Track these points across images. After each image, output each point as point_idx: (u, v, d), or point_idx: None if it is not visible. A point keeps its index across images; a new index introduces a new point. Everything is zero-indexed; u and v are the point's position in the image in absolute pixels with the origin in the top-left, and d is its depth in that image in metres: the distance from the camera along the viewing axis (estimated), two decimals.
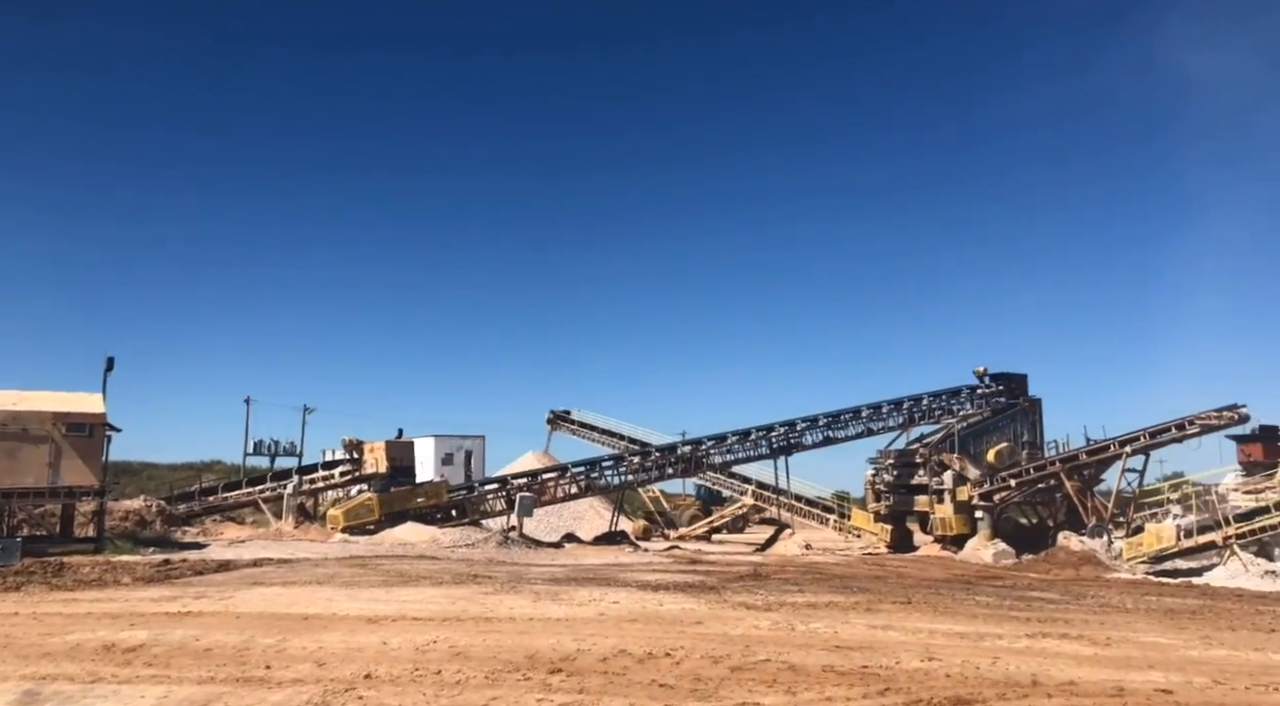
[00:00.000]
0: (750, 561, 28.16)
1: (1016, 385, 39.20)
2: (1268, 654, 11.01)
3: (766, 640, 11.03)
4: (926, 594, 18.13)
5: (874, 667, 9.26)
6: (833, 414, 38.53)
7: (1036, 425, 38.73)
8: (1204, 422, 29.85)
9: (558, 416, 50.49)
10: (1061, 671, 9.28)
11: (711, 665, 9.21)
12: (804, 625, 12.48)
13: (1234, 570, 23.87)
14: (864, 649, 10.50)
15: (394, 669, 8.68)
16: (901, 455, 36.90)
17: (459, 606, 13.60)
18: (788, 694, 7.93)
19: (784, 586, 18.88)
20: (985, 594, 18.62)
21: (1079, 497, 31.78)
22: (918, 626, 12.77)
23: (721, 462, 38.89)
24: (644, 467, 37.26)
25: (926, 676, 8.87)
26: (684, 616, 13.19)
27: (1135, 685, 8.62)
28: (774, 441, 37.73)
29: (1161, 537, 26.49)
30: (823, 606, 15.13)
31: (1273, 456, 27.85)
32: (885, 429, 38.92)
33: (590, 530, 39.93)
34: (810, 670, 9.04)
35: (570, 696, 7.70)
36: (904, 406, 38.97)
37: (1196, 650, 11.20)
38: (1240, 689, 8.60)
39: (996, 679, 8.80)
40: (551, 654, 9.63)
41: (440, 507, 33.41)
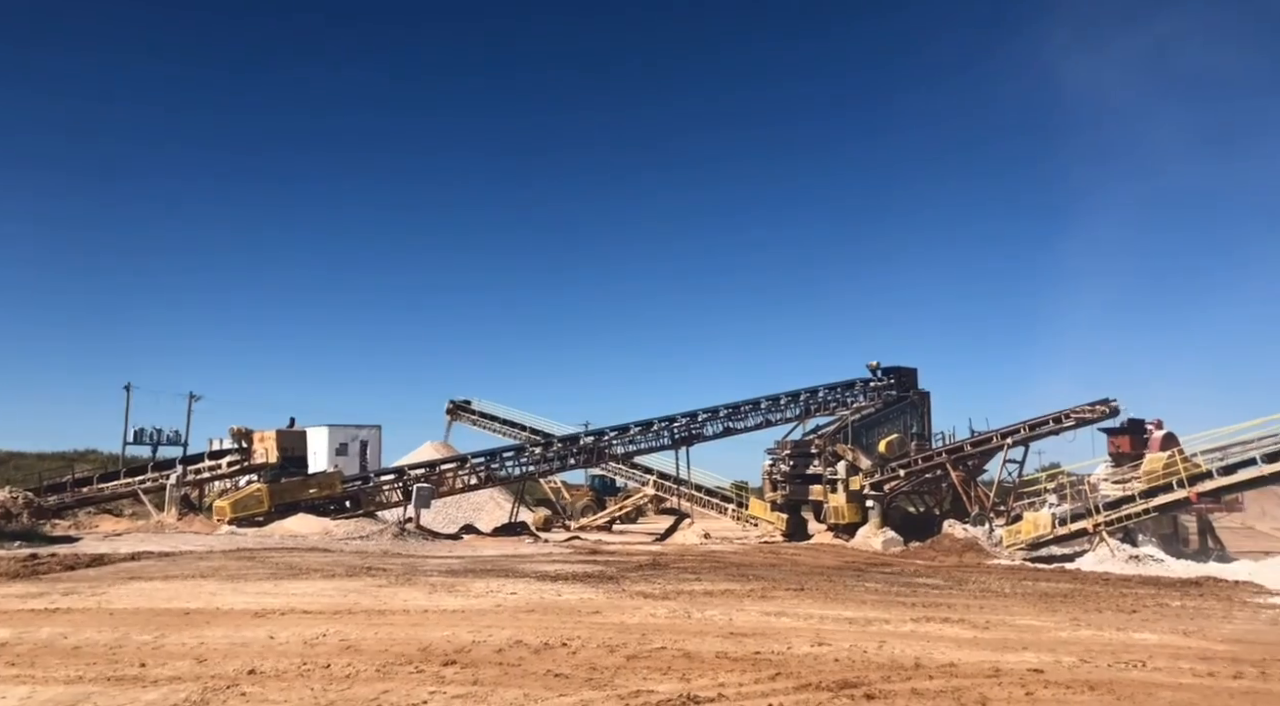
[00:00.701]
0: (650, 551, 28.38)
1: (907, 379, 40.60)
2: (1129, 633, 11.73)
3: (663, 628, 11.14)
4: (819, 581, 18.63)
5: (766, 653, 9.46)
6: (733, 405, 39.14)
7: (925, 417, 40.23)
8: (1078, 416, 31.51)
9: (457, 406, 49.74)
10: (943, 654, 9.67)
11: (608, 654, 9.24)
12: (700, 613, 12.65)
13: (1102, 555, 25.30)
14: (757, 635, 10.72)
15: (280, 663, 8.41)
16: (798, 446, 37.74)
17: (351, 599, 13.27)
18: (682, 680, 8.03)
19: (682, 575, 19.10)
20: (874, 580, 19.25)
21: (963, 487, 33.13)
22: (809, 612, 13.11)
23: (624, 453, 39.02)
24: (546, 458, 37.10)
25: (816, 661, 9.11)
26: (582, 606, 13.20)
27: (1010, 665, 9.05)
28: (676, 432, 38.08)
29: (1038, 525, 27.88)
30: (719, 594, 15.37)
31: (1139, 448, 29.59)
32: (783, 420, 39.78)
33: (490, 521, 39.53)
34: (705, 657, 9.18)
35: (464, 688, 7.61)
36: (801, 399, 39.88)
37: (1066, 631, 11.84)
38: (1103, 666, 9.14)
39: (882, 662, 9.11)
40: (446, 646, 9.50)
41: (334, 499, 32.50)
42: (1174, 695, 7.84)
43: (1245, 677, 8.72)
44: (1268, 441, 24.55)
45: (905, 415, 39.85)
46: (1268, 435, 24.59)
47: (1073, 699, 7.62)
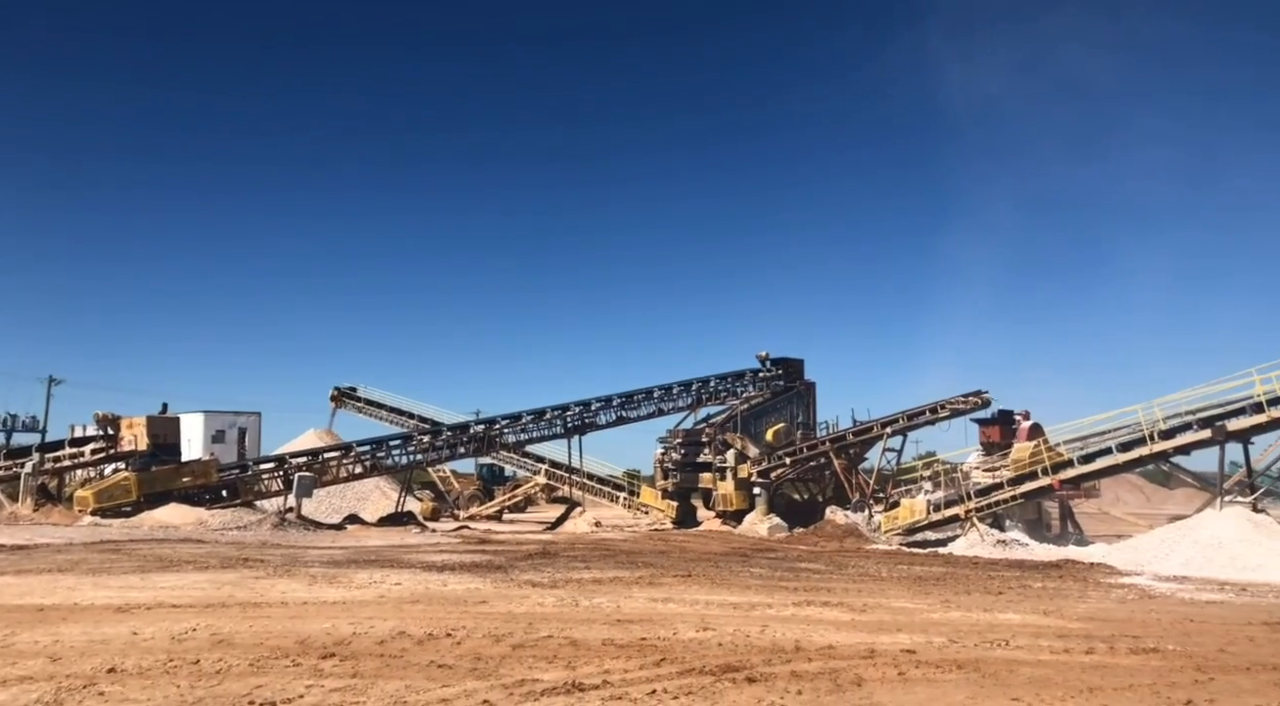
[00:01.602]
0: (540, 540, 28.27)
1: (794, 369, 41.61)
2: (994, 614, 12.36)
3: (550, 617, 11.10)
4: (706, 567, 18.93)
5: (652, 639, 9.54)
6: (626, 394, 39.34)
7: (811, 407, 41.34)
8: (953, 407, 33.00)
9: (342, 393, 48.29)
10: (822, 636, 9.97)
11: (493, 643, 9.15)
12: (588, 601, 12.67)
13: (973, 540, 26.56)
14: (644, 621, 10.81)
15: (144, 660, 7.99)
16: (689, 434, 38.26)
17: (225, 592, 12.73)
18: (567, 668, 8.02)
19: (572, 563, 19.10)
20: (759, 566, 19.70)
21: (845, 475, 34.26)
22: (696, 598, 13.31)
23: (516, 442, 38.72)
24: (434, 447, 36.45)
25: (701, 646, 9.25)
26: (469, 596, 13.03)
27: (884, 646, 9.40)
28: (569, 421, 38.01)
29: (914, 511, 29.06)
30: (608, 582, 15.43)
31: (1008, 438, 31.15)
32: (675, 409, 40.23)
33: (375, 511, 38.62)
34: (591, 644, 9.19)
35: (343, 681, 7.40)
36: (693, 388, 40.42)
37: (938, 613, 12.38)
38: (971, 646, 9.59)
39: (764, 646, 9.32)
40: (325, 638, 9.22)
41: (209, 488, 31.12)
42: (1033, 671, 8.29)
43: (1096, 653, 9.30)
44: (1122, 432, 26.23)
45: (792, 405, 40.85)
46: (1122, 426, 26.27)
47: (942, 677, 7.96)
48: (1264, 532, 21.69)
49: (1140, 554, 22.51)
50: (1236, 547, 20.99)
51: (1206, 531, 22.20)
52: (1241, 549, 20.88)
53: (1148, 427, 24.98)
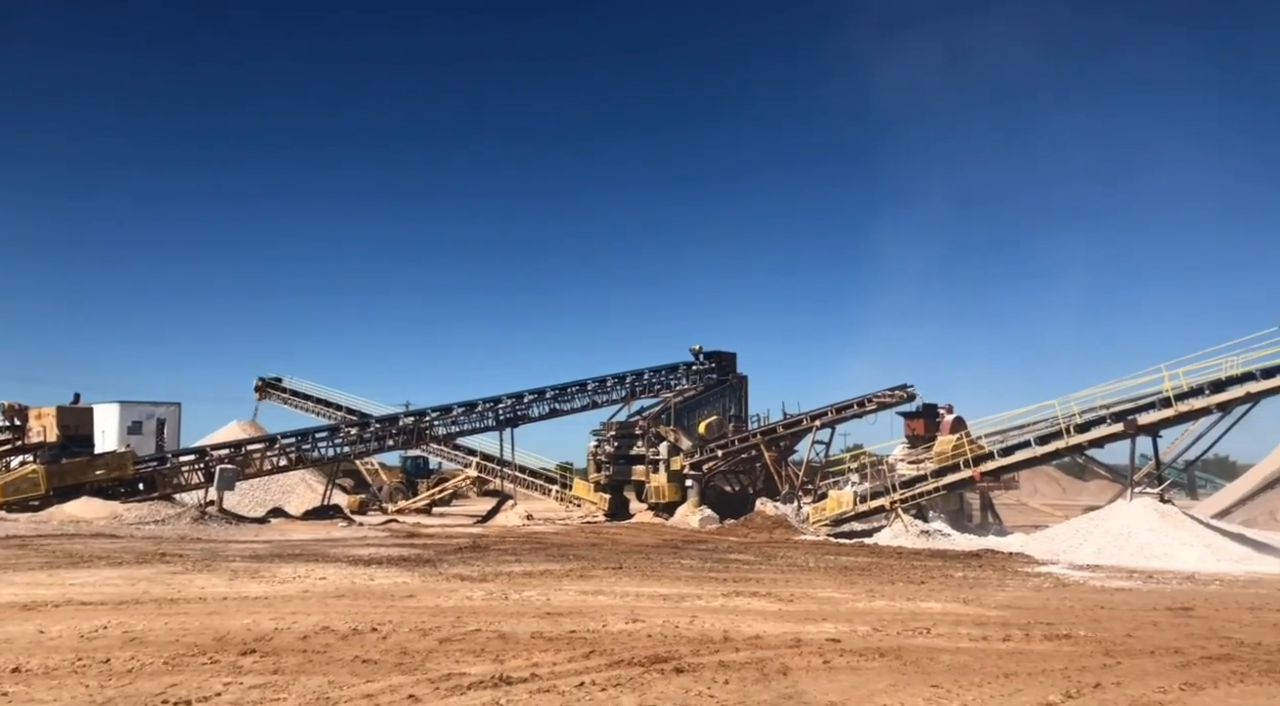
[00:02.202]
0: (471, 533, 27.99)
1: (727, 362, 41.96)
2: (917, 603, 12.67)
3: (479, 610, 11.01)
4: (637, 559, 19.00)
5: (581, 632, 9.53)
6: (560, 387, 39.15)
7: (743, 400, 41.77)
8: (879, 400, 33.66)
9: (267, 384, 47.06)
10: (750, 627, 10.08)
11: (420, 638, 9.03)
12: (518, 594, 12.60)
13: (897, 531, 27.19)
14: (574, 614, 10.79)
15: (51, 660, 7.66)
16: (622, 427, 38.30)
17: (140, 588, 12.30)
18: (495, 662, 7.95)
19: (502, 557, 18.97)
20: (690, 557, 19.84)
21: (775, 467, 34.71)
22: (626, 590, 13.34)
23: (446, 434, 38.20)
24: (362, 439, 35.76)
25: (630, 637, 9.27)
26: (396, 590, 12.84)
27: (810, 636, 9.56)
28: (501, 413, 37.66)
29: (841, 503, 29.60)
30: (538, 575, 15.37)
31: (932, 431, 31.91)
32: (609, 402, 40.19)
33: (301, 505, 37.72)
34: (520, 638, 9.14)
35: (263, 678, 7.21)
36: (627, 381, 40.43)
37: (863, 602, 12.64)
38: (893, 634, 9.81)
39: (693, 636, 9.39)
40: (245, 634, 8.98)
41: (125, 481, 29.98)
42: (952, 658, 8.52)
43: (1012, 640, 9.60)
44: (1040, 425, 27.11)
45: (724, 397, 41.21)
46: (1040, 420, 27.18)
47: (865, 666, 8.12)
48: (1170, 522, 22.68)
49: (1056, 543, 23.33)
50: (1145, 537, 21.91)
51: (1117, 522, 23.10)
52: (1149, 538, 21.80)
53: (1064, 421, 25.85)
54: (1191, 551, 21.00)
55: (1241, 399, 24.31)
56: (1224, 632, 10.29)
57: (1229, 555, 20.98)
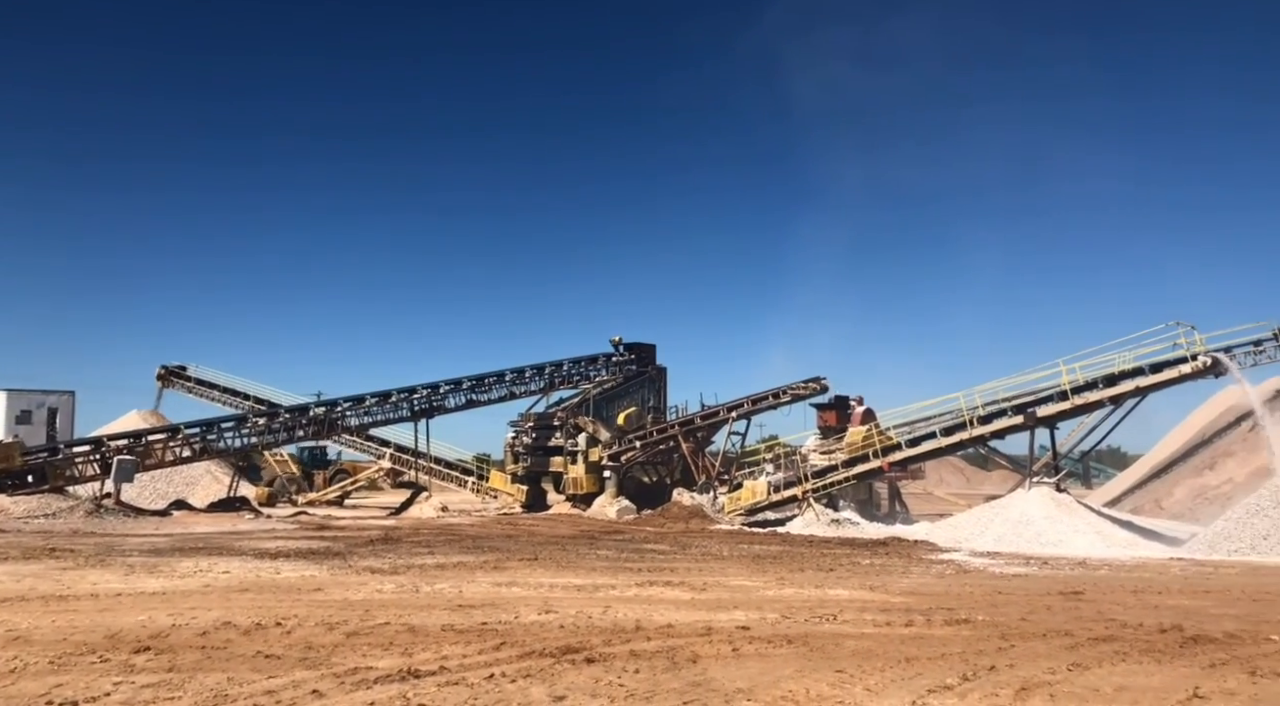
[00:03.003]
0: (383, 525, 27.52)
1: (646, 354, 42.16)
2: (825, 590, 12.96)
3: (389, 603, 10.83)
4: (553, 550, 18.96)
5: (493, 624, 9.46)
6: (477, 377, 38.75)
7: (662, 391, 42.04)
8: (794, 392, 34.31)
9: (170, 372, 45.30)
10: (662, 616, 10.17)
11: (326, 632, 8.83)
12: (429, 586, 12.44)
13: (809, 519, 27.79)
14: (486, 606, 10.71)
15: None
16: (541, 418, 38.15)
17: (25, 584, 11.72)
18: (404, 655, 7.83)
19: (415, 549, 18.70)
20: (606, 548, 19.90)
21: (693, 458, 35.06)
22: (540, 581, 13.30)
23: (359, 425, 37.43)
24: (271, 430, 34.73)
25: (542, 628, 9.24)
26: (303, 583, 12.53)
27: (721, 624, 9.69)
28: (416, 404, 37.08)
29: (755, 492, 30.12)
30: (451, 567, 15.20)
31: (843, 422, 32.76)
32: (527, 393, 39.96)
33: (206, 497, 36.51)
34: (430, 630, 9.02)
35: (157, 676, 6.95)
36: (546, 372, 40.26)
37: (773, 590, 12.87)
38: (801, 621, 10.02)
39: (605, 626, 9.42)
40: (140, 631, 8.64)
41: (13, 473, 28.47)
42: (857, 644, 8.74)
43: (915, 625, 9.91)
44: (946, 417, 28.03)
45: (644, 389, 41.40)
46: (946, 412, 28.08)
47: (773, 652, 8.27)
48: (1065, 510, 23.74)
49: (958, 531, 24.19)
50: (1042, 524, 22.89)
51: (1016, 510, 24.08)
52: (1046, 526, 22.78)
53: (968, 413, 26.78)
54: (1084, 538, 22.03)
55: (1131, 393, 25.60)
56: (1110, 615, 10.81)
57: (1118, 541, 22.07)
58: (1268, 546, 19.43)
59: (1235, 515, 20.79)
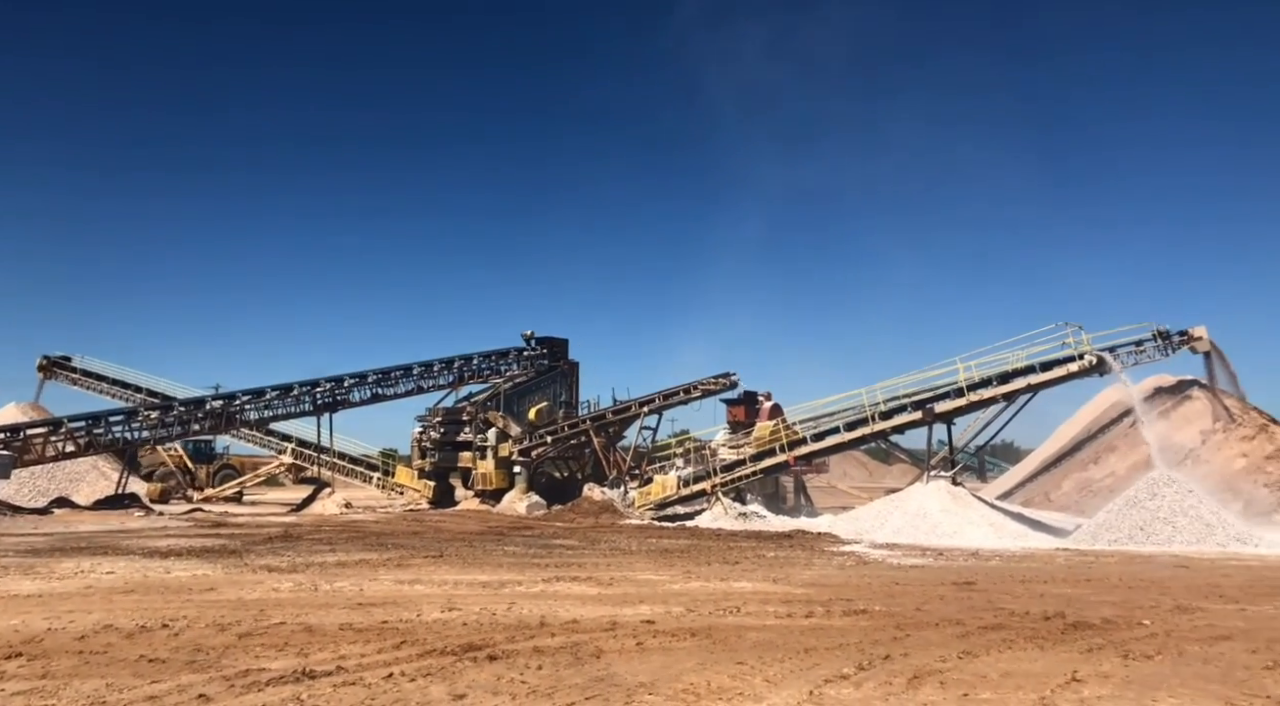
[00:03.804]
0: (284, 522, 26.69)
1: (559, 349, 41.97)
2: (729, 583, 13.14)
3: (285, 602, 10.50)
4: (460, 546, 18.71)
5: (394, 622, 9.28)
6: (383, 371, 37.91)
7: (574, 386, 41.92)
8: (704, 387, 34.62)
9: (53, 363, 42.96)
10: (568, 611, 10.14)
11: (217, 633, 8.51)
12: (329, 584, 12.12)
13: (717, 513, 28.14)
14: (388, 604, 10.49)
15: None
16: (449, 413, 37.60)
17: None
18: (299, 656, 7.61)
19: (315, 546, 18.20)
20: (514, 544, 19.74)
21: (604, 452, 35.06)
22: (445, 578, 13.11)
23: (259, 419, 36.21)
24: (164, 423, 33.29)
25: (444, 626, 9.11)
26: (194, 583, 12.05)
27: (626, 618, 9.72)
28: (319, 397, 36.07)
29: (665, 487, 30.32)
30: (353, 564, 14.85)
31: (752, 417, 33.23)
32: (435, 387, 39.31)
33: (93, 493, 34.77)
34: (328, 630, 8.79)
35: (29, 683, 6.58)
36: (455, 366, 39.66)
37: (679, 584, 12.98)
38: (706, 614, 10.13)
39: (509, 623, 9.34)
40: (12, 636, 8.17)
41: None
42: (759, 635, 8.89)
43: (815, 616, 10.13)
44: (849, 412, 28.71)
45: (556, 384, 41.21)
46: (850, 407, 28.76)
47: (677, 646, 8.34)
48: (960, 503, 24.63)
49: (860, 524, 24.85)
50: (938, 517, 23.70)
51: (914, 503, 24.87)
52: (942, 518, 23.60)
53: (870, 409, 27.50)
54: (978, 529, 22.91)
55: (1023, 390, 26.73)
56: (999, 604, 11.27)
57: (1009, 532, 23.03)
58: (1144, 536, 20.57)
59: (1115, 507, 21.93)
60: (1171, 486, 21.58)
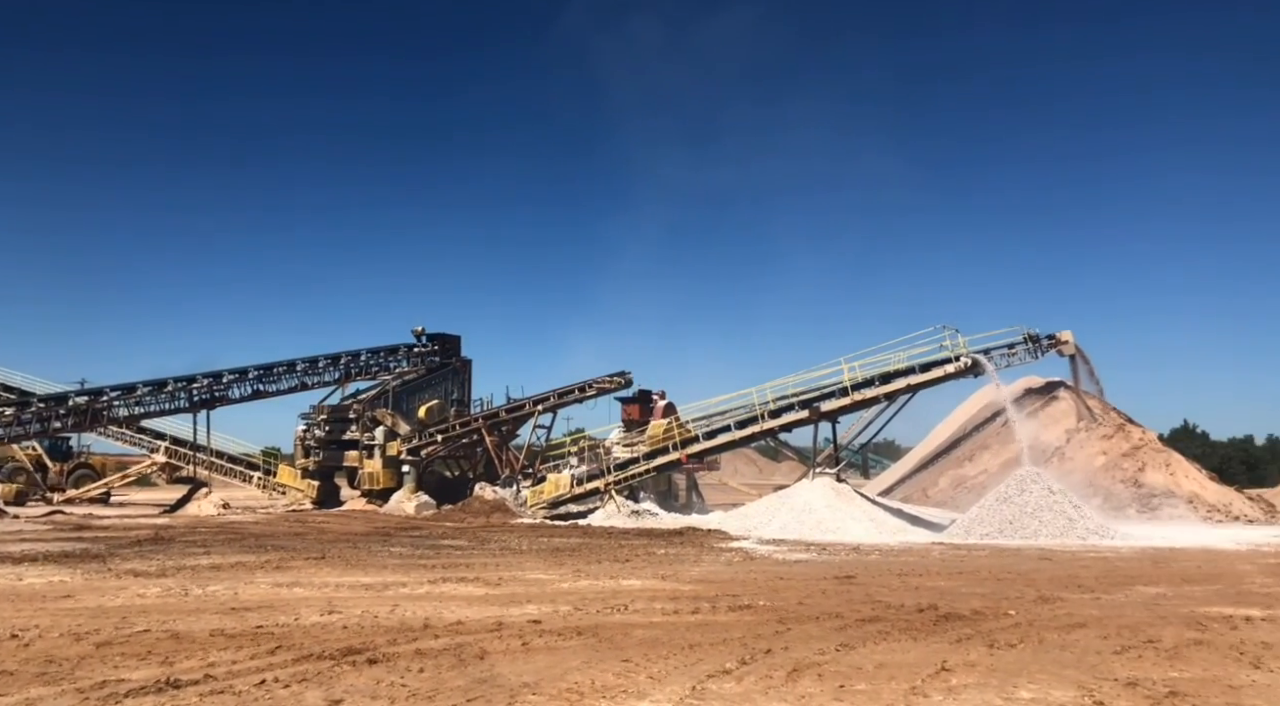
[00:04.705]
0: (155, 524, 25.39)
1: (451, 345, 41.24)
2: (619, 581, 13.19)
3: (151, 609, 9.98)
4: (344, 548, 18.19)
5: (270, 627, 8.94)
6: (265, 366, 36.46)
7: (466, 384, 41.27)
8: (599, 386, 34.68)
9: None
10: (453, 612, 9.97)
11: (73, 643, 8.02)
12: (201, 589, 11.59)
13: (610, 511, 28.23)
14: (263, 608, 10.10)
15: None
16: (335, 410, 36.55)
17: None
18: (164, 664, 7.23)
19: (188, 549, 17.39)
20: (401, 544, 19.32)
21: (496, 451, 34.71)
22: (326, 581, 12.72)
23: (129, 416, 34.28)
24: (21, 421, 31.14)
25: (323, 630, 8.83)
26: (49, 590, 11.33)
27: (513, 618, 9.62)
28: (195, 394, 34.42)
29: (559, 486, 30.23)
30: (228, 567, 14.25)
31: (646, 416, 33.46)
32: (321, 383, 38.04)
33: None
34: (196, 636, 8.39)
35: None
36: (342, 362, 38.48)
37: (568, 582, 12.95)
38: (593, 612, 10.13)
39: (392, 625, 9.12)
40: None
41: None
42: (646, 633, 8.94)
43: (701, 612, 10.27)
44: (740, 411, 29.27)
45: (447, 381, 40.49)
46: (741, 406, 29.33)
47: (563, 645, 8.31)
48: (844, 499, 25.42)
49: (748, 520, 25.33)
50: (823, 513, 24.38)
51: (800, 499, 25.52)
52: (826, 514, 24.29)
53: (760, 408, 28.10)
54: (859, 525, 23.68)
55: (904, 390, 27.78)
56: (877, 597, 11.67)
57: (889, 527, 23.89)
58: (1013, 530, 21.67)
59: (987, 503, 23.03)
60: (1038, 483, 22.80)
